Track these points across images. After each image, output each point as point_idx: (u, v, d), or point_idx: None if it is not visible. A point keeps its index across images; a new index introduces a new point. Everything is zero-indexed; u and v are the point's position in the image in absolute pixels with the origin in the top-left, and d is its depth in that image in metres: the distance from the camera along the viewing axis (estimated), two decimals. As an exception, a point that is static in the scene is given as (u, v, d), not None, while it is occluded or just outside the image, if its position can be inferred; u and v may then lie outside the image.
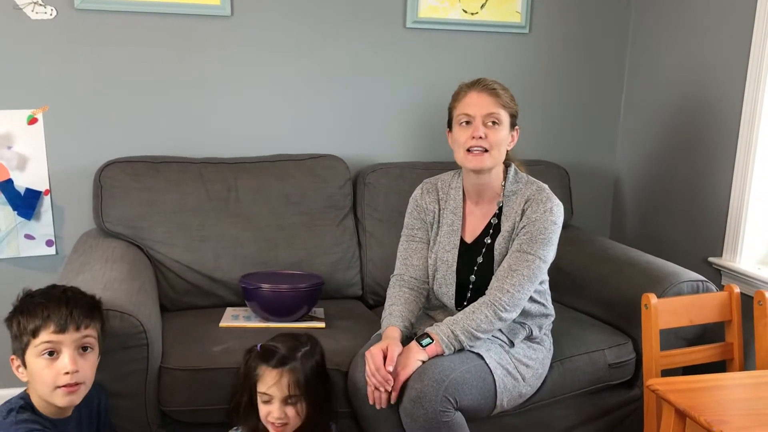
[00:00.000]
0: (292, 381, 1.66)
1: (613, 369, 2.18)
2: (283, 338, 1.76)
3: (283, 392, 1.65)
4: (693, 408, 1.47)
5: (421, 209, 2.07)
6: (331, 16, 2.61)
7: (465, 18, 2.75)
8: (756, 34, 2.39)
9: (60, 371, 1.51)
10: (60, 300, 1.54)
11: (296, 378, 1.66)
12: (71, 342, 1.53)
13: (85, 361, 1.55)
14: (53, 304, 1.53)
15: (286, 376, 1.66)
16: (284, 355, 1.68)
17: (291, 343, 1.73)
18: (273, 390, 1.66)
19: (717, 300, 2.03)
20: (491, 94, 1.90)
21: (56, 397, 1.53)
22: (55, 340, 1.51)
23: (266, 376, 1.67)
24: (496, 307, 1.85)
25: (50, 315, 1.51)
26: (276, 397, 1.66)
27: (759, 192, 2.45)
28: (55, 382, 1.51)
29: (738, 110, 2.47)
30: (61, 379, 1.51)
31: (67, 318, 1.52)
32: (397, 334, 1.88)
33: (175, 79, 2.49)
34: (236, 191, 2.41)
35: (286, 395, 1.66)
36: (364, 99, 2.71)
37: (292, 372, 1.66)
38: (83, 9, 2.34)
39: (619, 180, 3.10)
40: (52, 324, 1.51)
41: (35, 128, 2.37)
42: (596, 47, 2.96)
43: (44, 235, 2.43)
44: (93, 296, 1.65)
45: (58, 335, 1.51)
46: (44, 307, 1.52)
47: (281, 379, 1.65)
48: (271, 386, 1.66)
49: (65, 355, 1.52)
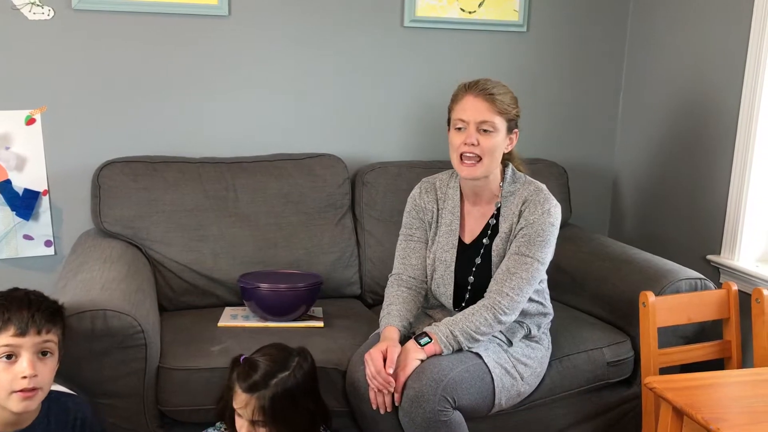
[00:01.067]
0: (257, 407, 1.63)
1: (611, 367, 2.18)
2: (270, 352, 1.72)
3: (248, 416, 1.65)
4: (690, 406, 1.47)
5: (420, 209, 2.06)
6: (329, 15, 2.61)
7: (463, 17, 2.75)
8: (753, 33, 2.39)
9: (17, 375, 1.46)
10: (22, 302, 1.50)
11: (261, 405, 1.63)
12: (31, 346, 1.48)
13: (44, 365, 1.50)
14: (14, 306, 1.49)
15: (253, 403, 1.64)
16: (256, 381, 1.64)
17: (271, 364, 1.68)
18: (242, 411, 1.66)
19: (715, 298, 2.03)
20: (487, 100, 1.87)
21: (11, 402, 1.47)
22: (14, 343, 1.46)
23: (238, 395, 1.66)
24: (496, 311, 1.85)
25: (11, 317, 1.47)
26: (244, 417, 1.66)
27: (757, 189, 2.45)
28: (11, 386, 1.46)
29: (736, 108, 2.47)
30: (18, 383, 1.46)
31: (28, 321, 1.47)
32: (395, 335, 1.88)
33: (172, 79, 2.49)
34: (235, 191, 2.41)
35: (251, 419, 1.65)
36: (362, 98, 2.71)
37: (258, 399, 1.63)
38: (81, 9, 2.34)
39: (618, 178, 3.10)
40: (12, 327, 1.47)
41: (33, 129, 2.37)
42: (594, 45, 2.96)
43: (43, 236, 2.43)
44: (56, 301, 1.60)
45: (18, 338, 1.47)
46: (5, 309, 1.48)
47: (248, 404, 1.64)
48: (240, 407, 1.66)
49: (24, 358, 1.47)
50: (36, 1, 2.30)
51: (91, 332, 1.72)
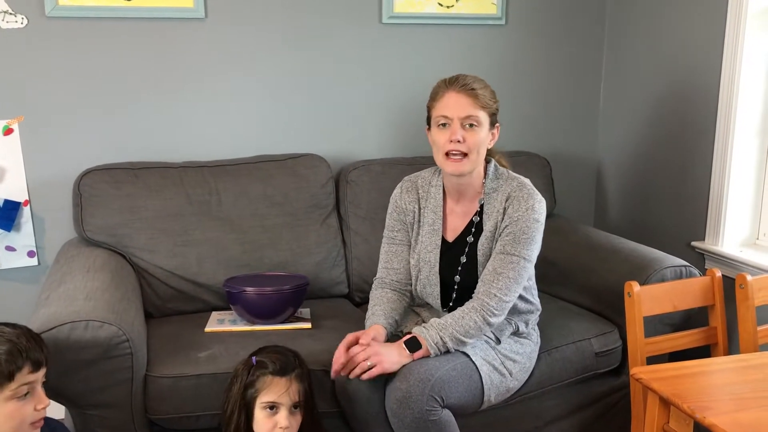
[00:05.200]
0: (300, 386, 1.69)
1: (600, 357, 2.19)
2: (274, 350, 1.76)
3: (292, 399, 1.67)
4: (677, 395, 1.48)
5: (401, 210, 2.05)
6: (307, 14, 2.59)
7: (441, 11, 2.74)
8: (729, 19, 2.39)
9: (36, 407, 1.50)
10: (28, 338, 1.51)
11: (301, 382, 1.70)
12: (40, 379, 1.52)
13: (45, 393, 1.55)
14: (25, 344, 1.50)
15: (294, 384, 1.68)
16: (289, 362, 1.71)
17: (285, 355, 1.74)
18: (283, 398, 1.66)
19: (699, 285, 2.04)
20: (469, 95, 1.86)
21: None
22: (31, 380, 1.49)
23: (272, 386, 1.67)
24: (485, 313, 1.84)
25: (28, 356, 1.48)
26: (284, 405, 1.67)
27: (739, 174, 2.46)
28: (29, 419, 1.50)
29: (715, 95, 2.48)
30: (36, 414, 1.50)
31: (40, 358, 1.50)
32: (381, 332, 1.88)
33: (151, 83, 2.47)
34: (218, 194, 2.40)
35: (296, 401, 1.68)
36: (343, 96, 2.70)
37: (297, 377, 1.70)
38: (55, 17, 2.31)
39: (601, 168, 3.11)
40: (28, 365, 1.48)
41: (11, 139, 2.34)
42: (573, 36, 2.97)
43: (25, 246, 2.41)
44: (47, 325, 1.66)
45: (33, 375, 1.49)
46: (19, 349, 1.48)
47: (289, 387, 1.67)
48: (278, 396, 1.66)
49: (39, 391, 1.51)
50: (9, 10, 2.27)
51: (77, 343, 1.71)
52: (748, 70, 2.38)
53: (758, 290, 1.98)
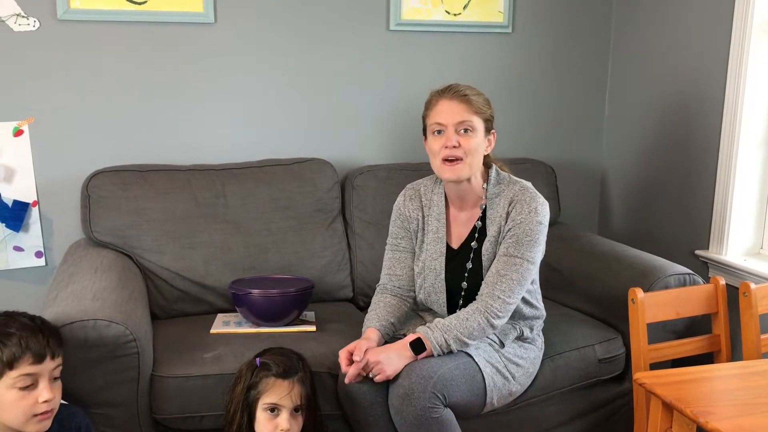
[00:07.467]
0: (301, 389, 1.70)
1: (603, 364, 2.20)
2: (274, 354, 1.77)
3: (294, 402, 1.68)
4: (680, 400, 1.49)
5: (404, 218, 2.06)
6: (315, 20, 2.62)
7: (448, 19, 2.77)
8: (735, 28, 2.41)
9: (38, 400, 1.50)
10: (34, 329, 1.52)
11: (303, 385, 1.71)
12: (47, 372, 1.52)
13: (56, 387, 1.56)
14: (28, 334, 1.50)
15: (296, 386, 1.69)
16: (292, 365, 1.72)
17: (288, 357, 1.75)
18: (284, 400, 1.67)
19: (703, 292, 2.05)
20: (462, 101, 1.88)
21: (30, 425, 1.51)
22: (32, 371, 1.49)
23: (274, 388, 1.68)
24: (488, 315, 1.85)
25: (28, 346, 1.49)
26: (285, 408, 1.68)
27: (743, 184, 2.47)
28: (32, 411, 1.50)
29: (720, 104, 2.49)
30: (39, 407, 1.50)
31: (44, 348, 1.51)
32: (374, 335, 1.90)
33: (160, 87, 2.49)
34: (224, 197, 2.41)
35: (297, 404, 1.69)
36: (350, 102, 2.72)
37: (299, 380, 1.71)
38: (66, 20, 2.34)
39: (606, 176, 3.12)
40: (29, 355, 1.49)
41: (21, 140, 2.37)
42: (579, 44, 2.98)
43: (33, 247, 2.42)
44: (55, 324, 1.64)
45: (35, 366, 1.50)
46: (20, 338, 1.49)
47: (291, 390, 1.68)
48: (280, 398, 1.67)
49: (42, 385, 1.51)
50: (21, 13, 2.30)
51: (84, 342, 1.72)
52: (753, 80, 2.39)
53: (762, 298, 1.99)
